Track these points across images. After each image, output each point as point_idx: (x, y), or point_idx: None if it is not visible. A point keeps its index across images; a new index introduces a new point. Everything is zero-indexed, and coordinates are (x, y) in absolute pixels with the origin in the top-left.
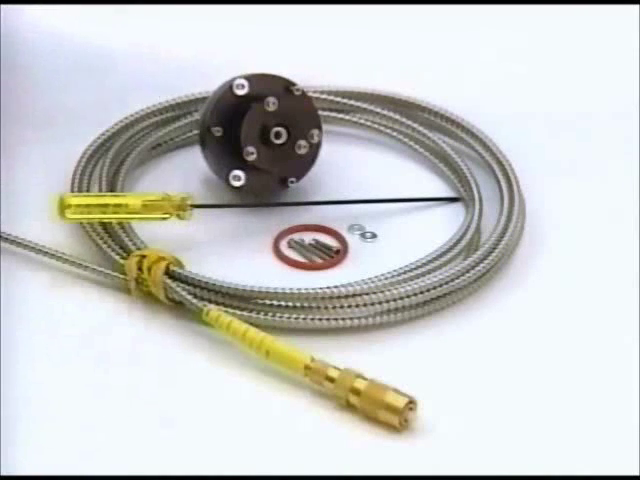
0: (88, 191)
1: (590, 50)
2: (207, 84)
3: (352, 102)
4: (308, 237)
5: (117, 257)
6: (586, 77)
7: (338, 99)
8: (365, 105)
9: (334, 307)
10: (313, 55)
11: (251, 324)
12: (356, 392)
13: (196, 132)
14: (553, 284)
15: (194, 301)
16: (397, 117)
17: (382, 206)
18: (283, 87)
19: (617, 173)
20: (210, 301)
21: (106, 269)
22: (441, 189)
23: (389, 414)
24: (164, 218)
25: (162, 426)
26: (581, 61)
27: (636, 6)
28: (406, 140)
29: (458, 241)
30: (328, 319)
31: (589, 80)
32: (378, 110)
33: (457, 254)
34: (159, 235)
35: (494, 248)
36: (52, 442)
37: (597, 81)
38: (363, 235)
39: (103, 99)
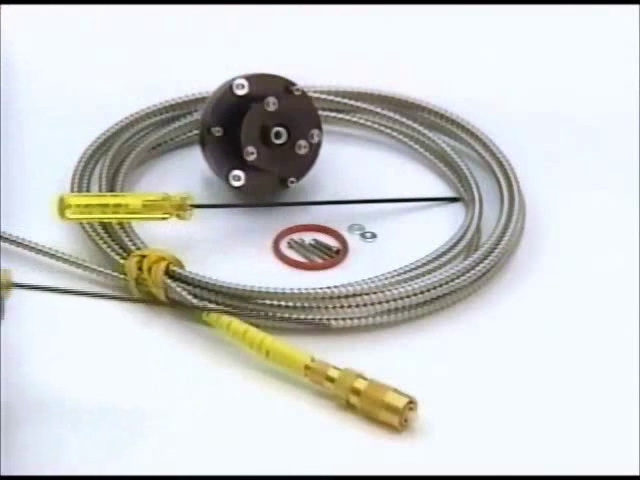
0: (88, 191)
1: (590, 50)
2: (207, 84)
3: (352, 102)
4: (308, 237)
5: (117, 257)
6: (586, 77)
7: (338, 99)
8: (365, 105)
9: (334, 307)
10: (313, 55)
11: (251, 324)
12: (356, 392)
13: (196, 132)
14: (553, 284)
15: (194, 301)
16: (397, 117)
17: (382, 206)
18: (283, 87)
19: (617, 173)
20: (210, 301)
21: (106, 269)
22: (441, 189)
23: (389, 414)
24: (164, 218)
25: (161, 426)
26: (581, 61)
27: (636, 6)
28: (406, 140)
29: (458, 241)
30: (328, 319)
31: (589, 80)
32: (378, 110)
33: (457, 254)
34: (159, 235)
35: (494, 248)
36: (52, 442)
37: (597, 81)
38: (363, 235)
39: (103, 99)
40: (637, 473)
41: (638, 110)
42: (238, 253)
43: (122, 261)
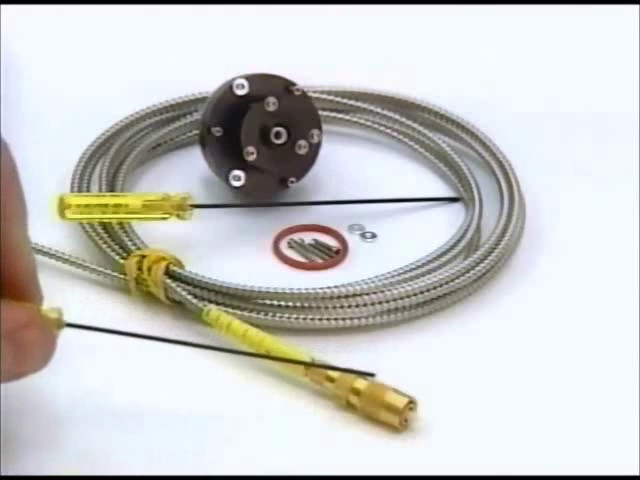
0: (88, 191)
1: (590, 50)
2: (207, 84)
3: (352, 102)
4: (308, 237)
5: (117, 257)
6: (586, 78)
7: (338, 99)
8: (365, 105)
9: (334, 307)
10: (313, 55)
11: (251, 324)
12: (356, 392)
13: (196, 132)
14: (553, 284)
15: (194, 301)
16: (397, 117)
17: (382, 206)
18: (283, 87)
19: (618, 173)
20: (210, 301)
21: (106, 269)
22: (441, 189)
23: (389, 414)
24: (164, 218)
25: (160, 426)
26: (581, 61)
27: (636, 6)
28: (406, 140)
29: (458, 241)
30: (328, 319)
31: (589, 80)
32: (378, 110)
33: (457, 254)
34: (159, 235)
35: (494, 248)
36: (53, 441)
37: (597, 81)
38: (363, 235)
39: (103, 98)
40: (637, 473)
41: (638, 110)
42: (238, 253)
43: (122, 261)
